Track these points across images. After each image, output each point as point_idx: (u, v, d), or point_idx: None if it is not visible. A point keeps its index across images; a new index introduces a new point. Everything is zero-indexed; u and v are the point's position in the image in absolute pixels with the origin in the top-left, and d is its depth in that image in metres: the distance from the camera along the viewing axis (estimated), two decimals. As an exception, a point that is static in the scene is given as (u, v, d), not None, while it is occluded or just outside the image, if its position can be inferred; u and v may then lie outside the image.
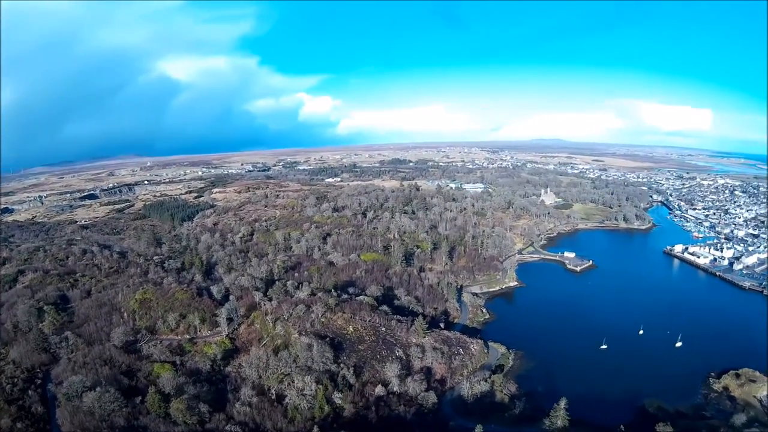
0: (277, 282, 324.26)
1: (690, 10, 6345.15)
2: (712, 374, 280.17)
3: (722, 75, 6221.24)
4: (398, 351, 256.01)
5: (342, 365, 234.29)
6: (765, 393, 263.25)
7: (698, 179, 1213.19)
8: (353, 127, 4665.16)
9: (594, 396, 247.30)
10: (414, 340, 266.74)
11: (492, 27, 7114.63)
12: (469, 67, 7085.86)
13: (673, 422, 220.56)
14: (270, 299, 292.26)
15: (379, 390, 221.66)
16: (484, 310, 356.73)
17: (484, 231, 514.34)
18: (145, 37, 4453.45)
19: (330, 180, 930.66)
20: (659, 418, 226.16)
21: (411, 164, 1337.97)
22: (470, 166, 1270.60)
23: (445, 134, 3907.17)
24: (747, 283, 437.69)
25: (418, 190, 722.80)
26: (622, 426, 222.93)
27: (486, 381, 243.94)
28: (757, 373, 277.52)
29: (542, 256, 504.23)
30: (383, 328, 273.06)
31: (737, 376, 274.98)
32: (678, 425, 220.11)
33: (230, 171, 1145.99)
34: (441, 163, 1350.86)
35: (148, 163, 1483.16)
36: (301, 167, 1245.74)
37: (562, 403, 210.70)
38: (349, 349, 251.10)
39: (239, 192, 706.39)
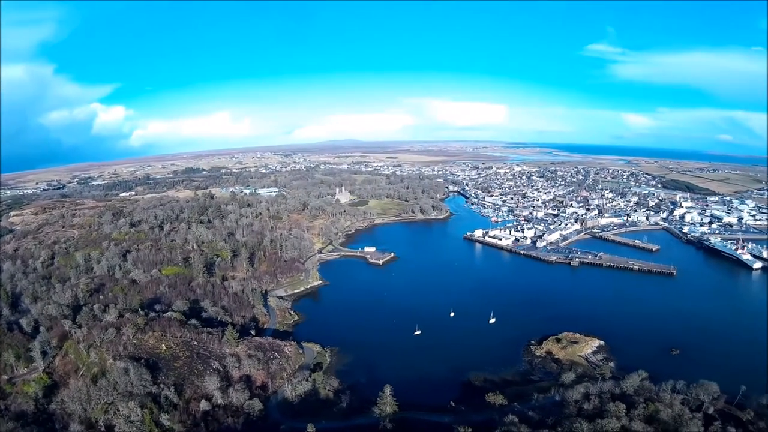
0: (84, 307, 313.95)
1: (482, 11, 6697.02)
2: (533, 342, 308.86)
3: (518, 72, 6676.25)
4: (214, 363, 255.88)
5: (162, 385, 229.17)
6: (589, 351, 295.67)
7: (494, 168, 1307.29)
8: (146, 137, 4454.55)
9: (418, 379, 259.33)
10: (228, 351, 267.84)
11: (276, 37, 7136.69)
12: (256, 76, 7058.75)
13: (502, 390, 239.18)
14: (80, 326, 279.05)
15: (204, 405, 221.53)
16: (292, 312, 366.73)
17: (281, 234, 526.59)
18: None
19: (125, 194, 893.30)
20: (487, 388, 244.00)
21: (204, 172, 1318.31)
22: (264, 171, 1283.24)
23: (237, 140, 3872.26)
24: (553, 257, 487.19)
25: (212, 198, 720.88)
26: (451, 402, 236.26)
27: (307, 381, 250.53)
28: (578, 335, 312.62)
29: (343, 254, 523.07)
30: (195, 342, 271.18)
31: (558, 340, 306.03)
32: (508, 392, 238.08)
33: (26, 191, 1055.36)
34: (234, 170, 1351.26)
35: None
36: (95, 182, 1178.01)
37: (387, 390, 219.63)
38: (166, 367, 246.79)
39: (36, 213, 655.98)
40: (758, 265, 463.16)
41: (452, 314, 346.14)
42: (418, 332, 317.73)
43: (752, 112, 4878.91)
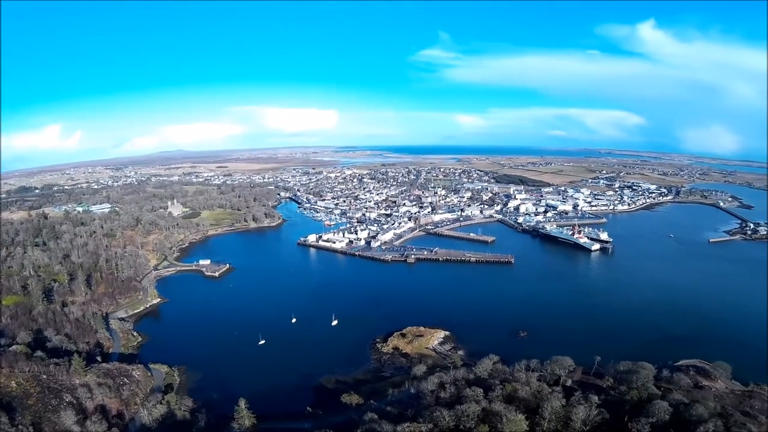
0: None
1: (310, 17, 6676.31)
2: (378, 339, 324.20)
3: (348, 78, 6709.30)
4: (67, 396, 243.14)
5: (21, 427, 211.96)
6: (436, 342, 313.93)
7: (325, 173, 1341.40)
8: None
9: (271, 389, 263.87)
10: (77, 381, 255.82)
11: (102, 51, 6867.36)
12: (86, 90, 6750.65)
13: (357, 390, 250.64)
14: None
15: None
16: (135, 333, 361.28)
17: (116, 252, 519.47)
18: None
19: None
20: (341, 389, 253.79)
21: (37, 191, 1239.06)
22: (96, 187, 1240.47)
23: (68, 155, 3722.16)
24: (389, 256, 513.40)
25: (46, 218, 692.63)
26: (308, 407, 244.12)
27: (161, 403, 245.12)
28: (422, 328, 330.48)
29: (178, 268, 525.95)
30: (44, 376, 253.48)
31: (403, 335, 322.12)
32: (362, 391, 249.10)
33: None
34: (67, 187, 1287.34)
35: None
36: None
37: (242, 403, 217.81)
38: (21, 406, 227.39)
39: None
40: (596, 247, 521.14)
41: (294, 320, 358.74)
42: (262, 342, 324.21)
43: (586, 109, 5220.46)
